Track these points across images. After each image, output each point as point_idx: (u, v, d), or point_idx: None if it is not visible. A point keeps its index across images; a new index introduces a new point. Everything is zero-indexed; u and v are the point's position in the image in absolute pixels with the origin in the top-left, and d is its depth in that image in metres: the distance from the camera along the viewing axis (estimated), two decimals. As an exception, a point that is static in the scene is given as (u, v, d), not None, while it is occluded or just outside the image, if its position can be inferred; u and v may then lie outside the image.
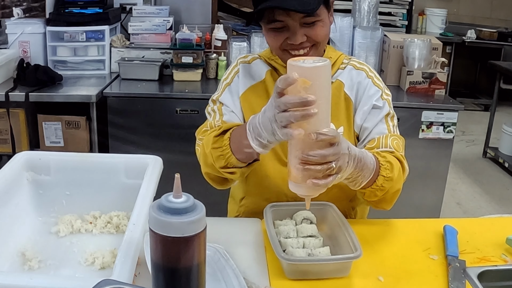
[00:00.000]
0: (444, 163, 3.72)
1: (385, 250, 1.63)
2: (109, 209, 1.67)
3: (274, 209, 1.64)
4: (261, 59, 1.90)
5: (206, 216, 1.04)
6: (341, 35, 3.94)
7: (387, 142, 1.74)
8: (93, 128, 3.46)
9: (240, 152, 1.61)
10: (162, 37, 3.95)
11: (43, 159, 1.66)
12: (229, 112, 1.83)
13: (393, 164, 1.63)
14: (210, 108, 1.88)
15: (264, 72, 1.86)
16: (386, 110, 1.81)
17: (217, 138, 1.67)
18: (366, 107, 1.80)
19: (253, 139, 1.48)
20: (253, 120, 1.49)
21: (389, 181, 1.62)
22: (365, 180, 1.54)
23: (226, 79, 1.91)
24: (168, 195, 1.02)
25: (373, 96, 1.81)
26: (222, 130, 1.68)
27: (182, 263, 1.01)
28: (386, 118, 1.80)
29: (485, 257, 1.60)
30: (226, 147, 1.63)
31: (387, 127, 1.79)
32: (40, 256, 1.47)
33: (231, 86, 1.88)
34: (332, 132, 1.30)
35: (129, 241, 1.21)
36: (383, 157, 1.64)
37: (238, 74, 1.89)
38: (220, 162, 1.65)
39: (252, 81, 1.87)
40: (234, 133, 1.65)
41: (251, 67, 1.89)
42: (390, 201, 1.71)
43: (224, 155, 1.64)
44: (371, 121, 1.79)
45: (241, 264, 1.47)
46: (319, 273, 1.44)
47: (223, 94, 1.87)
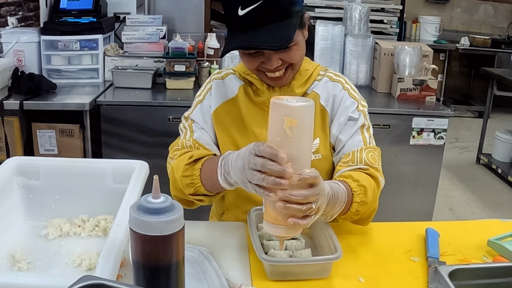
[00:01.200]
0: (435, 169, 3.74)
1: (366, 252, 1.65)
2: (97, 213, 1.70)
3: (257, 212, 1.67)
4: (235, 74, 1.90)
5: (191, 220, 1.07)
6: (332, 43, 3.98)
7: (362, 156, 1.75)
8: (86, 136, 3.48)
9: (208, 183, 1.66)
10: (155, 46, 3.98)
11: (33, 164, 1.69)
12: (200, 129, 1.85)
13: (366, 187, 1.64)
14: (182, 125, 1.90)
15: (237, 88, 1.87)
16: (361, 121, 1.82)
17: (188, 166, 1.70)
18: (342, 118, 1.81)
19: (221, 175, 1.53)
20: (227, 156, 1.52)
21: (364, 205, 1.64)
22: (336, 213, 1.56)
23: (199, 96, 1.91)
24: (147, 196, 1.05)
25: (349, 107, 1.82)
26: (193, 158, 1.71)
27: (161, 261, 1.04)
28: (362, 129, 1.82)
29: (466, 259, 1.63)
30: (197, 177, 1.68)
31: (362, 138, 1.80)
32: (29, 258, 1.49)
33: (203, 103, 1.88)
34: (314, 173, 1.30)
35: (112, 241, 1.24)
36: (355, 181, 1.64)
37: (210, 91, 1.89)
38: (189, 190, 1.70)
39: (224, 97, 1.87)
40: (205, 164, 1.69)
41: (224, 83, 1.89)
42: (368, 219, 1.74)
43: (193, 184, 1.68)
44: (346, 133, 1.81)
45: (224, 265, 1.51)
46: (300, 274, 1.47)
47: (194, 111, 1.88)
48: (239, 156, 1.42)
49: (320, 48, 3.97)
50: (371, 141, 1.82)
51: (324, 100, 1.84)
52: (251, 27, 1.60)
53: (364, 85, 4.04)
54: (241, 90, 1.86)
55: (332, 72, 1.90)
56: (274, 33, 1.58)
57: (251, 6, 1.56)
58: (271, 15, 1.58)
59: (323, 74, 1.88)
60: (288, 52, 1.66)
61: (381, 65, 3.93)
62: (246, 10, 1.57)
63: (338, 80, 1.87)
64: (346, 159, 1.77)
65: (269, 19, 1.59)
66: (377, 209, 1.73)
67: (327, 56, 3.97)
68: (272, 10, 1.58)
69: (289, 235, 1.37)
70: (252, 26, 1.60)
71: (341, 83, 1.87)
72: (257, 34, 1.59)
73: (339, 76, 1.90)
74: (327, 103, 1.84)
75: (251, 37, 1.59)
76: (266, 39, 1.57)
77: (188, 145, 1.80)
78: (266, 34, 1.58)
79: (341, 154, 1.80)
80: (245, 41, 1.61)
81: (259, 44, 1.59)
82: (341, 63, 4.04)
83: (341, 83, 1.87)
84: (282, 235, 1.37)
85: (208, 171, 1.64)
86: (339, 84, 1.86)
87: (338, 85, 1.86)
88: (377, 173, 1.74)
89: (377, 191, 1.73)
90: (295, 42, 1.64)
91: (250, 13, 1.57)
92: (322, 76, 1.88)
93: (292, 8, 1.61)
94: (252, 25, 1.59)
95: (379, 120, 3.50)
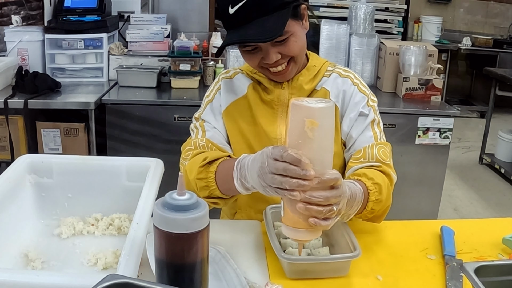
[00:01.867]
0: (440, 169, 3.74)
1: (383, 250, 1.64)
2: (111, 211, 1.68)
3: (273, 210, 1.66)
4: (243, 73, 1.90)
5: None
6: (337, 42, 3.97)
7: (373, 152, 1.75)
8: (91, 135, 3.47)
9: (224, 186, 1.64)
10: (160, 45, 3.97)
11: (45, 162, 1.67)
12: (212, 128, 1.84)
13: (381, 185, 1.64)
14: (193, 125, 1.89)
15: (246, 87, 1.86)
16: (371, 116, 1.81)
17: (202, 169, 1.68)
18: (353, 114, 1.81)
19: (237, 179, 1.51)
20: (243, 159, 1.50)
21: (378, 203, 1.64)
22: (353, 213, 1.55)
23: (208, 96, 1.91)
24: (172, 193, 1.04)
25: (359, 103, 1.81)
26: (208, 160, 1.68)
27: (186, 259, 1.03)
28: (372, 124, 1.81)
29: (482, 257, 1.62)
30: (211, 179, 1.65)
31: (373, 134, 1.80)
32: (43, 257, 1.47)
33: (212, 103, 1.88)
34: (335, 175, 1.29)
35: (132, 240, 1.22)
36: (370, 179, 1.64)
37: (219, 91, 1.88)
38: (204, 193, 1.67)
39: (234, 96, 1.86)
40: (220, 166, 1.66)
41: (233, 82, 1.89)
42: (381, 217, 1.73)
43: (208, 187, 1.66)
44: (357, 129, 1.80)
45: (242, 264, 1.49)
46: (319, 272, 1.45)
47: (205, 111, 1.88)
48: (255, 160, 1.40)
49: (325, 47, 3.95)
50: (381, 137, 1.82)
51: (334, 96, 1.82)
52: (241, 23, 1.61)
53: (369, 85, 3.96)
54: (250, 89, 1.85)
55: (341, 68, 1.89)
56: (263, 26, 1.58)
57: (240, 3, 1.59)
58: (259, 9, 1.59)
59: (331, 70, 1.87)
60: (285, 44, 1.65)
61: (386, 65, 3.92)
62: (235, 7, 1.60)
63: (347, 75, 1.87)
64: (358, 155, 1.76)
65: (258, 13, 1.59)
66: (390, 206, 1.72)
67: (332, 55, 3.95)
68: (261, 4, 1.59)
69: (309, 238, 1.35)
70: (242, 22, 1.61)
71: (351, 79, 1.86)
72: (246, 29, 1.60)
73: (348, 71, 1.89)
74: (337, 99, 1.82)
75: (240, 33, 1.61)
76: (253, 33, 1.59)
77: (201, 144, 1.78)
78: (254, 28, 1.59)
79: (352, 150, 1.80)
80: (236, 37, 1.63)
81: (246, 38, 1.61)
82: (346, 63, 4.03)
83: (350, 79, 1.86)
84: (302, 239, 1.35)
85: (223, 174, 1.62)
86: (348, 80, 1.85)
87: (348, 80, 1.85)
88: (389, 170, 1.74)
89: (390, 188, 1.72)
90: (290, 33, 1.64)
91: (239, 10, 1.59)
92: (330, 72, 1.87)
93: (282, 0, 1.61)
94: (242, 21, 1.61)
95: (384, 120, 3.44)
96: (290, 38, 1.65)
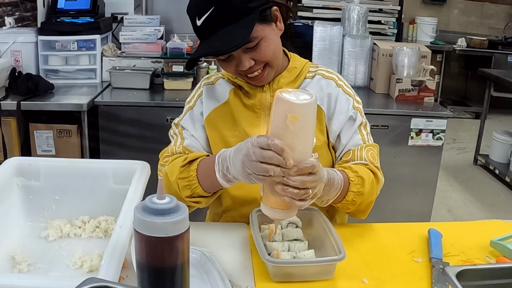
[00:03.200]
0: (433, 170, 3.74)
1: (370, 253, 1.65)
2: (98, 214, 1.69)
3: (259, 213, 1.65)
4: (224, 78, 1.89)
5: (193, 221, 1.06)
6: (330, 43, 3.98)
7: (362, 154, 1.77)
8: (84, 136, 3.47)
9: (206, 183, 1.64)
10: (153, 46, 3.98)
11: (33, 164, 1.68)
12: (190, 136, 1.84)
13: (364, 178, 1.67)
14: (172, 131, 1.89)
15: (228, 92, 1.85)
16: (359, 120, 1.82)
17: (183, 168, 1.68)
18: (341, 117, 1.81)
19: (219, 171, 1.53)
20: (223, 153, 1.52)
21: (360, 196, 1.66)
22: (331, 199, 1.59)
23: (189, 102, 1.90)
24: (152, 197, 1.04)
25: (345, 105, 1.82)
26: (188, 160, 1.69)
27: (166, 262, 1.03)
28: (359, 128, 1.82)
29: (469, 259, 1.62)
30: (193, 177, 1.65)
31: (361, 137, 1.81)
32: (29, 260, 1.47)
33: (193, 110, 1.87)
34: (311, 163, 1.36)
35: (115, 243, 1.23)
36: (354, 172, 1.67)
37: (201, 97, 1.87)
38: (186, 192, 1.67)
39: (216, 102, 1.85)
40: (201, 164, 1.67)
41: (214, 88, 1.88)
42: (365, 211, 1.76)
43: (190, 185, 1.66)
44: (346, 133, 1.81)
45: (227, 267, 1.49)
46: (304, 275, 1.46)
47: (185, 118, 1.87)
48: (238, 150, 1.43)
49: (318, 49, 3.96)
50: (369, 138, 1.83)
51: (319, 99, 1.80)
52: (208, 34, 1.62)
53: (362, 86, 4.04)
54: (232, 94, 1.85)
55: (324, 69, 1.88)
56: (228, 35, 1.58)
57: (205, 14, 1.59)
58: (224, 18, 1.60)
59: (314, 71, 1.86)
60: (257, 49, 1.65)
61: (379, 66, 3.92)
62: (202, 19, 1.60)
63: (331, 77, 1.86)
64: (347, 157, 1.78)
65: (223, 23, 1.60)
66: (374, 202, 1.75)
67: (325, 57, 3.96)
68: (224, 13, 1.59)
69: (285, 217, 1.45)
70: (209, 33, 1.62)
71: (334, 80, 1.85)
72: (212, 40, 1.61)
73: (331, 73, 1.88)
74: (322, 102, 1.82)
75: (206, 46, 1.63)
76: (218, 43, 1.59)
77: (178, 151, 1.79)
78: (220, 39, 1.59)
79: (341, 154, 1.81)
80: (200, 50, 1.66)
81: (212, 50, 1.61)
82: (339, 64, 4.04)
83: (334, 80, 1.85)
84: (279, 218, 1.44)
85: (205, 170, 1.63)
86: (332, 82, 1.85)
87: (332, 82, 1.85)
88: (377, 170, 1.76)
89: (376, 186, 1.74)
90: (260, 37, 1.64)
91: (205, 21, 1.60)
92: (313, 73, 1.86)
93: (246, 6, 1.60)
94: (209, 32, 1.62)
95: (377, 121, 3.49)
96: (261, 43, 1.65)
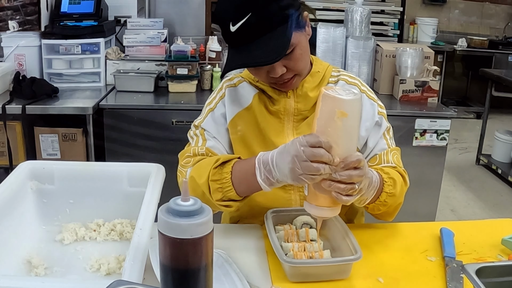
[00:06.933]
0: (438, 170, 3.75)
1: (384, 253, 1.66)
2: (113, 217, 1.69)
3: (274, 214, 1.67)
4: (246, 80, 1.84)
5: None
6: (334, 45, 3.98)
7: (389, 158, 1.78)
8: (89, 140, 3.47)
9: (241, 186, 1.60)
10: (157, 49, 3.98)
11: (46, 168, 1.68)
12: (212, 138, 1.79)
13: (395, 180, 1.67)
14: (192, 132, 1.84)
15: (252, 96, 1.81)
16: (384, 126, 1.82)
17: (216, 170, 1.61)
18: (368, 123, 1.79)
19: (261, 174, 1.50)
20: (264, 156, 1.51)
21: (392, 197, 1.66)
22: (369, 197, 1.58)
23: (210, 103, 1.85)
24: (176, 199, 1.04)
25: (370, 111, 1.81)
26: (220, 161, 1.63)
27: (190, 264, 1.03)
28: (384, 133, 1.82)
29: (482, 258, 1.63)
30: (227, 180, 1.59)
31: (386, 142, 1.81)
32: (46, 264, 1.48)
33: (214, 112, 1.82)
34: (358, 157, 1.39)
35: (136, 245, 1.23)
36: (386, 174, 1.67)
37: (223, 100, 1.83)
38: (217, 195, 1.61)
39: (239, 107, 1.81)
40: (236, 166, 1.61)
41: (237, 91, 1.83)
42: (393, 213, 1.76)
43: (223, 188, 1.60)
44: (373, 138, 1.80)
45: (244, 268, 1.50)
46: (320, 275, 1.46)
47: (206, 120, 1.82)
48: (284, 152, 1.44)
49: (322, 50, 3.96)
50: (392, 143, 1.84)
51: None
52: (244, 42, 1.58)
53: (366, 87, 4.03)
54: (256, 99, 1.80)
55: (346, 74, 1.87)
56: (267, 45, 1.55)
57: (241, 21, 1.54)
58: (262, 26, 1.55)
59: (336, 75, 1.85)
60: (290, 57, 1.62)
61: (382, 67, 3.93)
62: (237, 25, 1.55)
63: (354, 82, 1.85)
64: (374, 162, 1.78)
65: (261, 31, 1.56)
66: (401, 204, 1.76)
67: (328, 58, 3.96)
68: (263, 21, 1.55)
69: (330, 215, 1.48)
70: (245, 41, 1.58)
71: (358, 86, 1.84)
72: (251, 49, 1.57)
73: (354, 78, 1.87)
74: None
75: (245, 55, 1.58)
76: (258, 54, 1.55)
77: (200, 153, 1.74)
78: (260, 48, 1.55)
79: (368, 159, 1.80)
80: (240, 60, 1.60)
81: (252, 61, 1.58)
82: (343, 65, 4.04)
83: (357, 86, 1.84)
84: (323, 216, 1.47)
85: (241, 173, 1.58)
86: (356, 87, 1.83)
87: (355, 88, 1.83)
88: (404, 174, 1.78)
89: (404, 187, 1.75)
90: (295, 44, 1.61)
91: (241, 28, 1.55)
92: (336, 78, 1.84)
93: (283, 13, 1.57)
94: (245, 40, 1.58)
95: (382, 122, 3.49)
96: (295, 50, 1.62)
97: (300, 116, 1.79)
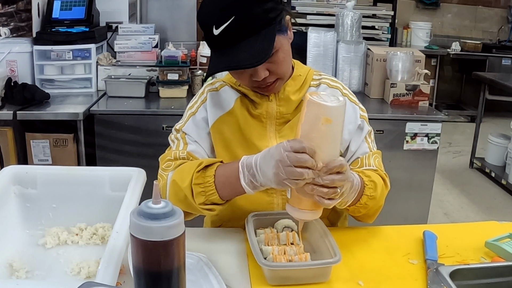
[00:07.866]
0: (429, 174, 3.75)
1: (365, 256, 1.66)
2: (95, 221, 1.69)
3: (256, 218, 1.67)
4: (228, 84, 1.84)
5: (189, 226, 1.07)
6: (325, 49, 3.99)
7: (370, 162, 1.79)
8: (80, 145, 3.48)
9: (225, 190, 1.59)
10: (148, 55, 3.99)
11: (29, 173, 1.68)
12: (193, 142, 1.79)
13: (376, 183, 1.69)
14: (173, 136, 1.85)
15: (233, 100, 1.81)
16: (366, 129, 1.84)
17: (199, 174, 1.61)
18: (351, 126, 1.81)
19: (245, 178, 1.51)
20: (247, 160, 1.51)
21: (372, 200, 1.67)
22: (350, 200, 1.59)
23: (191, 107, 1.85)
24: (148, 202, 1.05)
25: (352, 114, 1.82)
26: (203, 165, 1.62)
27: (162, 266, 1.04)
28: (365, 137, 1.83)
29: (464, 261, 1.63)
30: (210, 184, 1.59)
31: (368, 145, 1.83)
32: (27, 267, 1.48)
33: (195, 116, 1.82)
34: (340, 162, 1.41)
35: (112, 249, 1.24)
36: (367, 177, 1.68)
37: (204, 104, 1.83)
38: (200, 199, 1.60)
39: (221, 111, 1.81)
40: (219, 170, 1.61)
41: (219, 95, 1.83)
42: (373, 216, 1.77)
43: (205, 192, 1.59)
44: (355, 142, 1.81)
45: (224, 271, 1.50)
46: (300, 278, 1.47)
47: (187, 124, 1.82)
48: (268, 157, 1.44)
49: (313, 55, 3.97)
50: (373, 146, 1.86)
51: None
52: (227, 45, 1.58)
53: (357, 91, 4.04)
54: (238, 103, 1.80)
55: (327, 77, 1.88)
56: (251, 48, 1.55)
57: (224, 24, 1.54)
58: (246, 30, 1.55)
59: (318, 79, 1.86)
60: (273, 60, 1.62)
61: (373, 71, 3.94)
62: (220, 29, 1.55)
63: (336, 86, 1.86)
64: (356, 166, 1.79)
65: (244, 34, 1.56)
66: (382, 207, 1.77)
67: (319, 62, 3.97)
68: (246, 24, 1.55)
69: (311, 218, 1.51)
70: (229, 44, 1.57)
71: (340, 89, 1.85)
72: (235, 52, 1.56)
73: (336, 81, 1.88)
74: None
75: (229, 58, 1.57)
76: (243, 56, 1.55)
77: (181, 157, 1.74)
78: (244, 51, 1.55)
79: (350, 162, 1.81)
80: (223, 63, 1.59)
81: (237, 64, 1.57)
82: (334, 70, 4.05)
83: (339, 89, 1.85)
84: (305, 219, 1.49)
85: (224, 177, 1.58)
86: (337, 91, 1.84)
87: (337, 91, 1.84)
88: (385, 177, 1.79)
89: (385, 190, 1.76)
90: (277, 48, 1.61)
91: (225, 31, 1.55)
92: (317, 81, 1.85)
93: (267, 16, 1.57)
94: (228, 43, 1.57)
95: (372, 126, 3.41)
96: (278, 54, 1.62)
97: (282, 119, 1.79)
